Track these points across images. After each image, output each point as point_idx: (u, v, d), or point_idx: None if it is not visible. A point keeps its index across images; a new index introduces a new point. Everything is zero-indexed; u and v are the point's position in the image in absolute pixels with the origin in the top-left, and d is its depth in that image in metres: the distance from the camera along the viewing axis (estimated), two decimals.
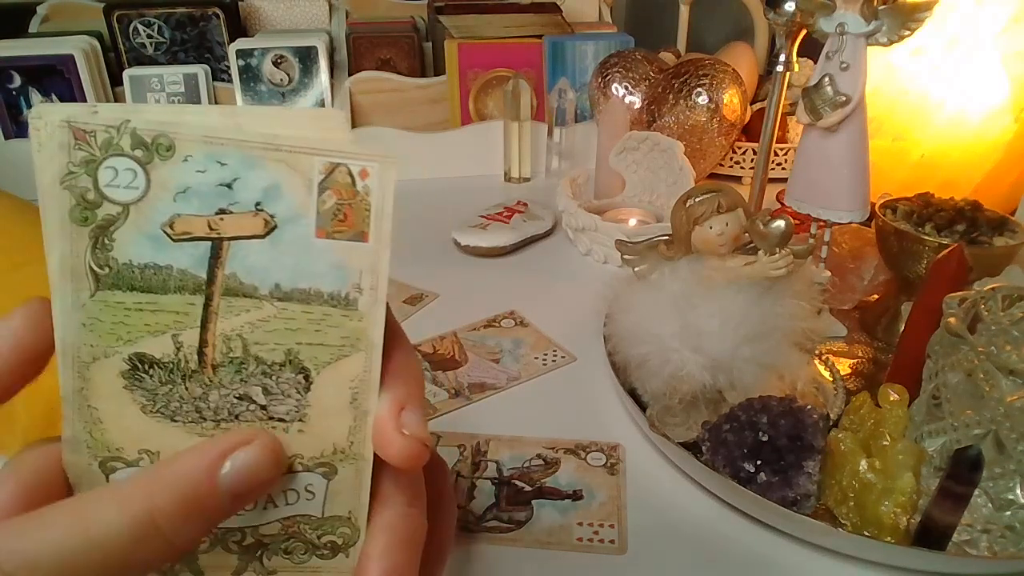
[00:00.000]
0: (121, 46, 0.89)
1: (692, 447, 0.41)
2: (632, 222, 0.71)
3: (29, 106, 0.83)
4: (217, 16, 0.90)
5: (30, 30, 0.93)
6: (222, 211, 0.18)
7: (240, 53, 0.86)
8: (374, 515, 0.20)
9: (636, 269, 0.43)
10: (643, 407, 0.44)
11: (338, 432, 0.19)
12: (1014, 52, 0.64)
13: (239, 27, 0.94)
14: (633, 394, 0.45)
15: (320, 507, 0.20)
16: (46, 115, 0.17)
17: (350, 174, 0.18)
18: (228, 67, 0.88)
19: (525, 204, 0.75)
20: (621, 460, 0.43)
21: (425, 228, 0.75)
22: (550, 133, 0.90)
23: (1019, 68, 0.64)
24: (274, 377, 0.19)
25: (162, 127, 0.17)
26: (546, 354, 0.54)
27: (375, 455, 0.20)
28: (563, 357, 0.54)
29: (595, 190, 0.78)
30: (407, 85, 0.92)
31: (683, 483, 0.41)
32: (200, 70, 0.87)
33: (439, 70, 0.95)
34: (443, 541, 0.23)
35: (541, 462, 0.43)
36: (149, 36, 0.89)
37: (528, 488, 0.41)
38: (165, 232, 0.18)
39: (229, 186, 0.18)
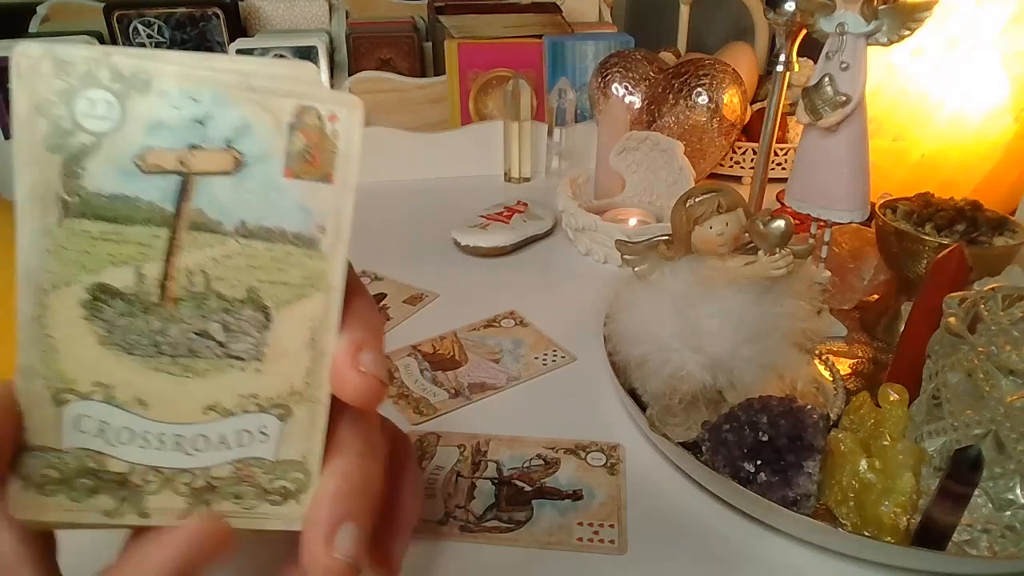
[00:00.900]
0: (121, 46, 0.89)
1: (692, 447, 0.41)
2: (632, 222, 0.71)
3: None
4: (217, 16, 0.90)
5: (30, 30, 0.93)
6: (193, 146, 0.18)
7: (240, 53, 0.86)
8: (328, 462, 0.20)
9: (636, 269, 0.43)
10: (643, 407, 0.44)
11: (295, 373, 0.19)
12: (1014, 52, 0.64)
13: (239, 27, 0.94)
14: (633, 394, 0.45)
15: (273, 450, 0.20)
16: (28, 49, 0.18)
17: (319, 117, 0.19)
18: None
19: (525, 204, 0.75)
20: (621, 460, 0.43)
21: (425, 228, 0.75)
22: (550, 133, 0.90)
23: (1019, 68, 0.64)
24: (234, 314, 0.19)
25: (141, 62, 0.18)
26: (546, 354, 0.54)
27: (332, 403, 0.20)
28: (563, 357, 0.54)
29: (595, 190, 0.78)
30: (407, 85, 0.92)
31: (683, 483, 0.41)
32: None
33: (439, 70, 0.95)
34: (406, 514, 0.23)
35: (541, 462, 0.43)
36: (149, 36, 0.89)
37: (528, 488, 0.41)
38: (136, 164, 0.18)
39: (201, 122, 0.18)
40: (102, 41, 0.87)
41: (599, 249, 0.68)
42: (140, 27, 0.88)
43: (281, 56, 0.87)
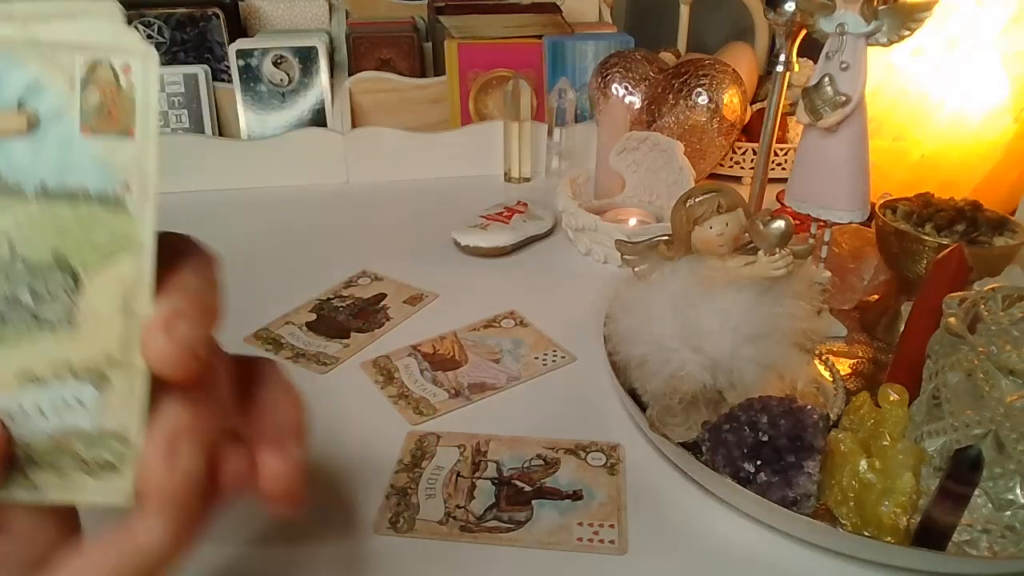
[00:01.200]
0: None
1: (692, 447, 0.41)
2: (632, 222, 0.71)
3: None
4: (217, 16, 0.90)
5: None
6: None
7: (240, 53, 0.86)
8: (151, 426, 0.19)
9: (636, 269, 0.43)
10: (643, 407, 0.44)
11: (109, 338, 0.19)
12: (1014, 52, 0.64)
13: (239, 27, 0.94)
14: (633, 394, 0.45)
15: (92, 420, 0.19)
16: None
17: (112, 70, 0.18)
18: (228, 67, 0.88)
19: (525, 204, 0.75)
20: (621, 460, 0.43)
21: (425, 228, 0.75)
22: (550, 133, 0.90)
23: (1019, 68, 0.64)
24: (42, 279, 0.18)
25: None
26: (546, 354, 0.54)
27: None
28: (563, 357, 0.54)
29: (595, 190, 0.78)
30: (407, 85, 0.92)
31: (683, 483, 0.41)
32: (200, 70, 0.87)
33: (439, 70, 0.95)
34: (286, 424, 0.22)
35: (541, 462, 0.43)
36: (149, 36, 0.89)
37: (528, 488, 0.41)
38: None
39: None
40: None
41: (599, 249, 0.68)
42: (140, 27, 0.88)
43: (282, 58, 0.87)
